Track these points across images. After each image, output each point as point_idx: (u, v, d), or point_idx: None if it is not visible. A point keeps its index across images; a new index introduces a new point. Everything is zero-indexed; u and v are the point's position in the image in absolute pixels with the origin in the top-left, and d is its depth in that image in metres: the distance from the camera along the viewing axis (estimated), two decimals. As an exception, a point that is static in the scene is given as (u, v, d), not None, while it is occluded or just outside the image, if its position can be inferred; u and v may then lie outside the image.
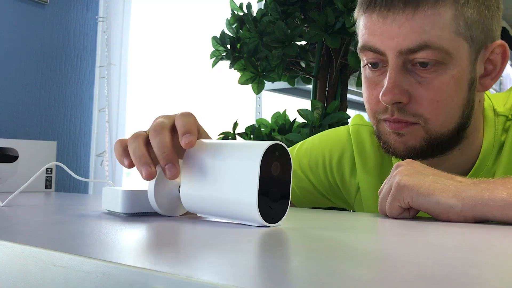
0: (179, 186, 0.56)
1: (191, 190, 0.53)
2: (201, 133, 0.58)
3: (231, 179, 0.49)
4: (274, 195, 0.48)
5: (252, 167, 0.47)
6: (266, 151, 0.47)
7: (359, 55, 0.72)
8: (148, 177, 0.52)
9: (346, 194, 0.86)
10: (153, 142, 0.53)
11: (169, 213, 0.57)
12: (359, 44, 0.71)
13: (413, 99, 0.66)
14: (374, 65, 0.69)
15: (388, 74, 0.67)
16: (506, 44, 0.71)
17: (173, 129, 0.54)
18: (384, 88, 0.66)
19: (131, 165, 0.54)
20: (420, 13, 0.64)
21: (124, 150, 0.55)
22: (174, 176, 0.52)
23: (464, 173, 0.73)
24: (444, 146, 0.69)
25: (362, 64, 0.73)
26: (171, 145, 0.53)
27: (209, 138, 0.59)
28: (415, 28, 0.64)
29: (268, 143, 0.47)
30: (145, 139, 0.54)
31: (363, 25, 0.69)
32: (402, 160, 0.65)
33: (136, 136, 0.55)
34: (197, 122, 0.56)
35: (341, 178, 0.85)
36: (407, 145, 0.68)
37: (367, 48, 0.69)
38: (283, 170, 0.49)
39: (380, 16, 0.66)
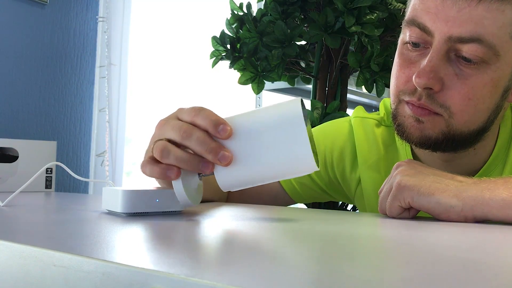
0: (200, 173, 0.55)
1: (231, 165, 0.52)
2: None
3: (276, 136, 0.51)
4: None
5: (297, 117, 0.50)
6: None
7: (402, 27, 0.68)
8: (230, 162, 0.51)
9: (346, 188, 0.85)
10: (190, 142, 0.52)
11: (194, 202, 0.56)
12: (407, 16, 0.66)
13: (445, 89, 0.63)
14: (415, 45, 0.66)
15: (428, 56, 0.63)
16: None
17: None
18: (420, 69, 0.63)
19: (178, 173, 0.53)
20: (485, 3, 0.60)
21: (161, 165, 0.53)
22: (230, 162, 0.51)
23: (475, 171, 0.72)
24: (458, 145, 0.67)
25: (402, 38, 0.68)
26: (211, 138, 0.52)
27: None
28: (474, 17, 0.60)
29: (298, 98, 0.52)
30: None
31: None
32: (412, 147, 0.63)
33: (165, 146, 0.53)
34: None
35: (342, 172, 0.84)
36: (423, 133, 0.66)
37: (415, 23, 0.64)
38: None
39: None
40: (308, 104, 1.55)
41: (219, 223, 0.52)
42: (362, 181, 0.81)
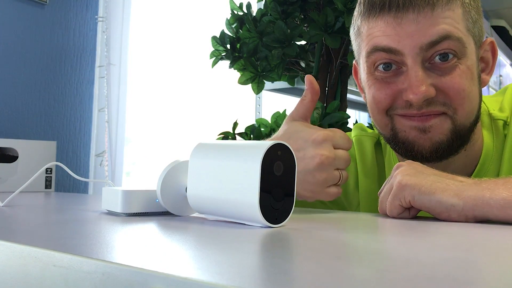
0: (186, 187, 0.56)
1: (197, 190, 0.53)
2: None
3: (233, 180, 0.49)
4: (278, 195, 0.48)
5: (253, 167, 0.46)
6: (267, 151, 0.47)
7: (363, 61, 0.71)
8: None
9: (347, 204, 0.85)
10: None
11: (178, 212, 0.57)
12: (366, 49, 0.70)
13: (439, 90, 0.67)
14: (387, 67, 0.69)
15: (410, 73, 0.66)
16: (494, 41, 0.74)
17: None
18: (409, 87, 0.66)
19: None
20: (437, 10, 0.65)
21: None
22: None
23: (469, 174, 0.73)
24: (463, 141, 0.70)
25: (367, 68, 0.71)
26: None
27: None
28: (434, 22, 0.65)
29: (270, 143, 0.47)
30: None
31: (369, 30, 0.69)
32: (422, 161, 0.64)
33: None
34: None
35: (345, 191, 0.84)
36: (433, 141, 0.68)
37: (379, 49, 0.68)
38: (286, 169, 0.49)
39: (396, 17, 0.66)
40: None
41: (219, 223, 0.52)
42: (360, 200, 0.82)
